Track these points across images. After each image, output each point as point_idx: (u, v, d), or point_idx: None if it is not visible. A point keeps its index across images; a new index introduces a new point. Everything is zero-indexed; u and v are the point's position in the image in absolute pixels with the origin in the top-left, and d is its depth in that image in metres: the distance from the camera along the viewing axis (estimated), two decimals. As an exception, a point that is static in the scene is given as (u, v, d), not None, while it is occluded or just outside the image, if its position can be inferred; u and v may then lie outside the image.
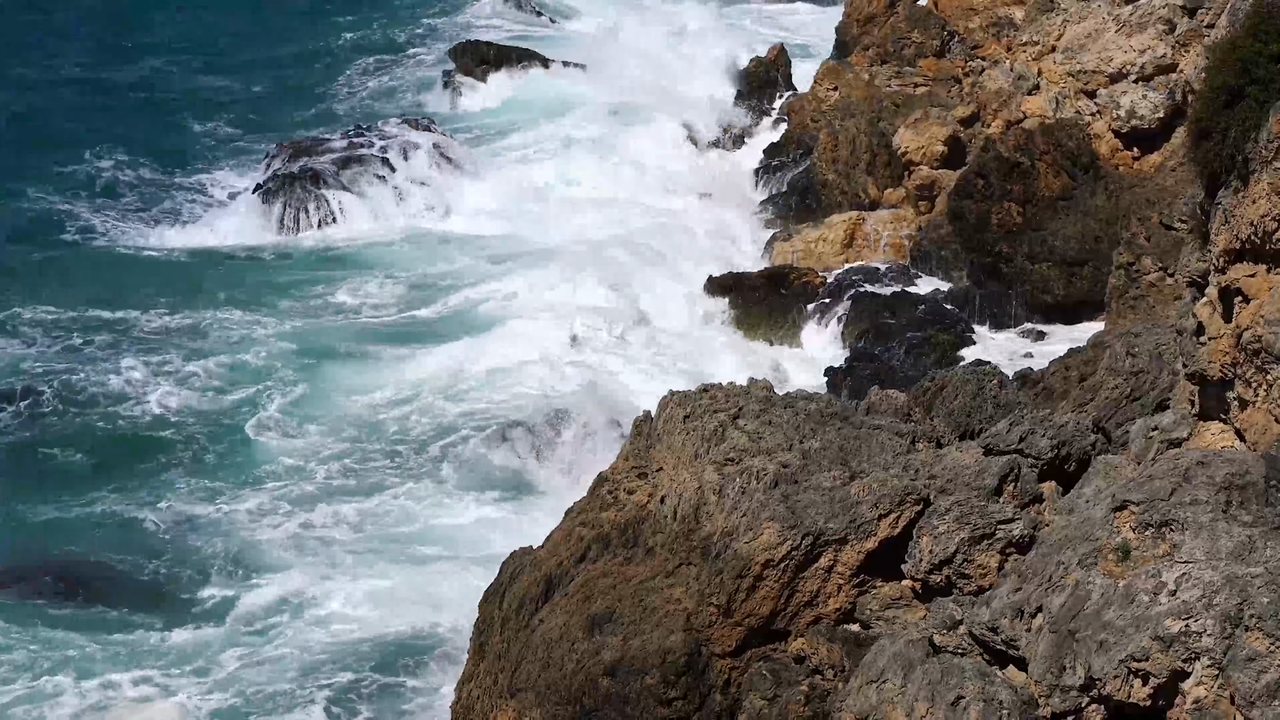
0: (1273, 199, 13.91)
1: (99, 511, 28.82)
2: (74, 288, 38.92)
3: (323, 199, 44.42)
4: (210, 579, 26.61)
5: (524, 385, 33.14)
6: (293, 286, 39.84)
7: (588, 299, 37.66)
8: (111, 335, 36.28)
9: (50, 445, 31.30)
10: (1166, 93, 38.24)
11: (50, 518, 28.59)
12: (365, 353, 35.49)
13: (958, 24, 47.57)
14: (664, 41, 60.07)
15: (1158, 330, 23.30)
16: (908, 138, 40.67)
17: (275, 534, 27.90)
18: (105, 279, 39.90)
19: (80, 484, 29.80)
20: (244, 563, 27.01)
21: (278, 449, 31.01)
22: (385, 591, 25.79)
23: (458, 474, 29.91)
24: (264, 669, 24.00)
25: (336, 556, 27.04)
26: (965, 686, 13.34)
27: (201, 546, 27.58)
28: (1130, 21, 39.72)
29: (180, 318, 37.50)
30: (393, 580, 26.15)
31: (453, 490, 29.49)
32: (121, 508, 28.89)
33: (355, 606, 25.46)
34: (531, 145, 50.70)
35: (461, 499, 29.15)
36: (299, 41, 62.92)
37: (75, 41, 62.67)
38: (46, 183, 46.64)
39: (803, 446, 18.16)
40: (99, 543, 27.74)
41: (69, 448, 31.21)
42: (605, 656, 17.29)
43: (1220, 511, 12.85)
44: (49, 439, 31.53)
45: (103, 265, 41.21)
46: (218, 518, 28.54)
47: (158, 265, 41.42)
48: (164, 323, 37.13)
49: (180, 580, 26.74)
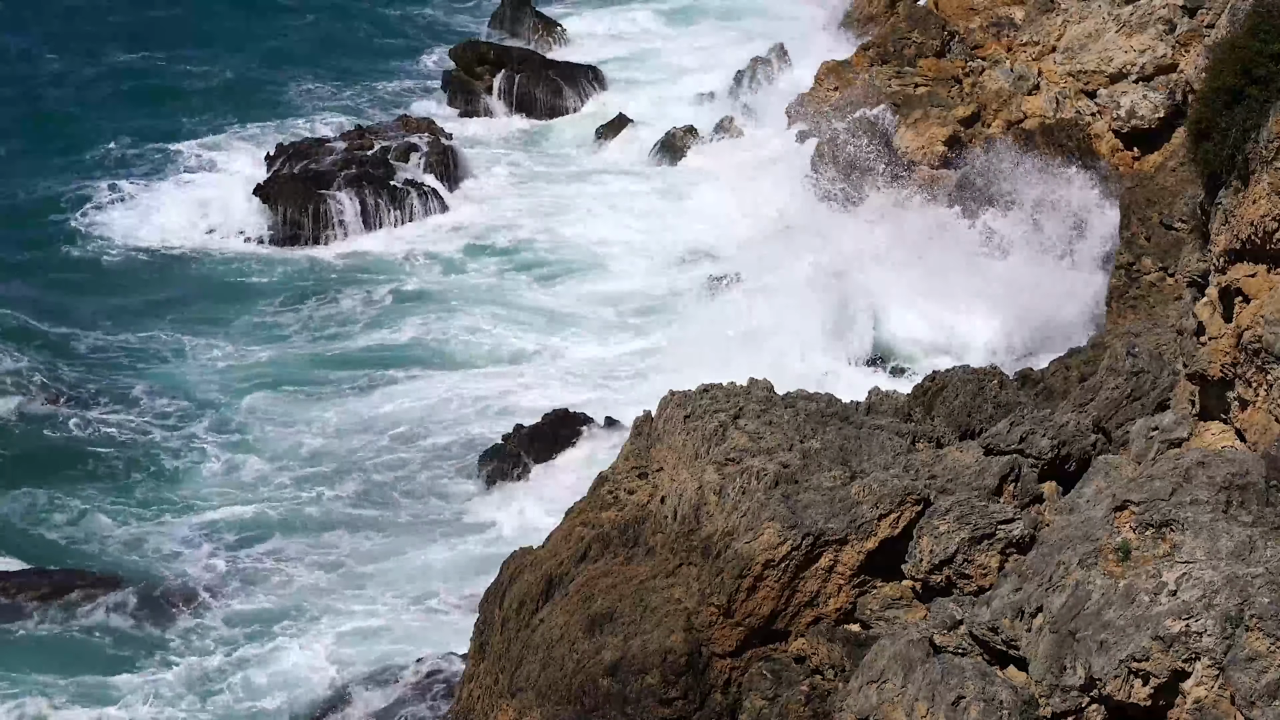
0: (1273, 199, 13.91)
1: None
2: (60, 287, 38.94)
3: (322, 201, 44.38)
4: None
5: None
6: (292, 287, 39.76)
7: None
8: (74, 342, 36.11)
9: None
10: (1167, 93, 38.27)
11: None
12: (343, 371, 35.10)
13: (958, 24, 47.53)
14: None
15: (1158, 330, 23.32)
16: (908, 138, 40.67)
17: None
18: (94, 277, 39.92)
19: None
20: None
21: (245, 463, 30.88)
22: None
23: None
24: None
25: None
26: (965, 687, 13.34)
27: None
28: (1130, 21, 39.74)
29: (167, 322, 37.41)
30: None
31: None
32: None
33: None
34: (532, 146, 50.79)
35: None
36: (298, 42, 62.83)
37: (73, 35, 62.66)
38: (36, 176, 46.58)
39: (803, 446, 18.16)
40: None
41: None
42: (605, 656, 17.30)
43: (1220, 511, 12.86)
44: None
45: (94, 263, 41.14)
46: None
47: (147, 266, 41.23)
48: (150, 331, 36.90)
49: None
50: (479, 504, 29.34)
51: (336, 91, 56.98)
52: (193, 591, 26.50)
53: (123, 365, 35.11)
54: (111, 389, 33.63)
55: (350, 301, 38.96)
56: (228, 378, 34.59)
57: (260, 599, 26.33)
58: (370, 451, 31.18)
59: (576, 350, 36.05)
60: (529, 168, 48.74)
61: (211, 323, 37.65)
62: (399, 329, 37.26)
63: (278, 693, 23.91)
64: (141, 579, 26.79)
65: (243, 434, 31.91)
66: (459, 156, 48.20)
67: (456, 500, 29.46)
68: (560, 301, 38.80)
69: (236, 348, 36.26)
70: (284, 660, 24.62)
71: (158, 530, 28.52)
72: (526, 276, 40.21)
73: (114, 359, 35.46)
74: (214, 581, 26.83)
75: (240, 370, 35.05)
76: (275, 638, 25.21)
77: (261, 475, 30.40)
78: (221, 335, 36.93)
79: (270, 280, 40.57)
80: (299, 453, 31.27)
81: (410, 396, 33.55)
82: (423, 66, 59.92)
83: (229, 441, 31.62)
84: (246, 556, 27.64)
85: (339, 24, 66.24)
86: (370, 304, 38.75)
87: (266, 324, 37.80)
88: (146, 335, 36.79)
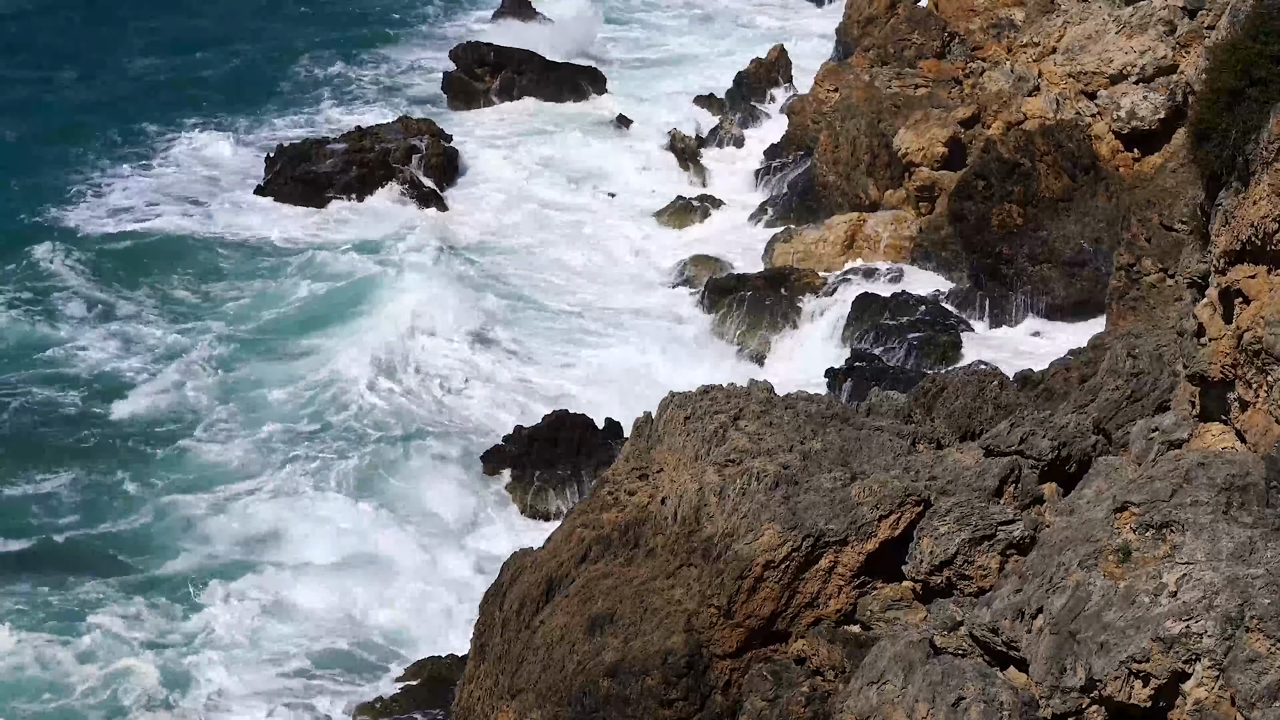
0: (1273, 200, 13.90)
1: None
2: (71, 274, 39.10)
3: (323, 202, 44.41)
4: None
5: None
6: (291, 290, 39.79)
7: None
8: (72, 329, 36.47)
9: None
10: (1167, 94, 38.28)
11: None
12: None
13: (958, 25, 47.58)
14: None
15: (1158, 331, 23.32)
16: (908, 139, 40.67)
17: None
18: (91, 266, 40.13)
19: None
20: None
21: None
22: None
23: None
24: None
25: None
26: (966, 687, 13.34)
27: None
28: (1130, 23, 39.75)
29: (167, 322, 37.51)
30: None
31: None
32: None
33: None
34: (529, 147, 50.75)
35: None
36: (298, 42, 62.87)
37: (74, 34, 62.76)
38: (52, 164, 46.76)
39: (803, 448, 18.16)
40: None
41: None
42: (606, 657, 17.29)
43: (1221, 513, 12.85)
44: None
45: (94, 254, 41.33)
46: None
47: (152, 266, 41.27)
48: (148, 329, 37.00)
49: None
50: (478, 503, 29.39)
51: (336, 91, 57.05)
52: (181, 575, 26.67)
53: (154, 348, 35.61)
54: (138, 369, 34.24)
55: (351, 303, 38.98)
56: (226, 359, 35.04)
57: (254, 595, 26.31)
58: (371, 451, 31.21)
59: (575, 352, 36.06)
60: (529, 168, 48.75)
61: (233, 314, 38.09)
62: (398, 329, 37.30)
63: (276, 692, 23.87)
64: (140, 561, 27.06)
65: (233, 421, 32.16)
66: (459, 157, 48.24)
67: (456, 499, 29.47)
68: (560, 302, 38.83)
69: (225, 334, 36.60)
70: (280, 660, 24.61)
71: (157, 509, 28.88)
72: (526, 276, 40.23)
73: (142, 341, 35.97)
74: (201, 571, 26.90)
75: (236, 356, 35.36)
76: (267, 634, 25.20)
77: (261, 466, 30.61)
78: (215, 322, 37.28)
79: (271, 280, 40.66)
80: (299, 451, 31.33)
81: (410, 396, 33.55)
82: (423, 67, 59.95)
83: (221, 428, 31.79)
84: (237, 546, 27.74)
85: (339, 24, 66.34)
86: (370, 303, 38.78)
87: (264, 319, 37.87)
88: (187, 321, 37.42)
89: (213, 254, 41.80)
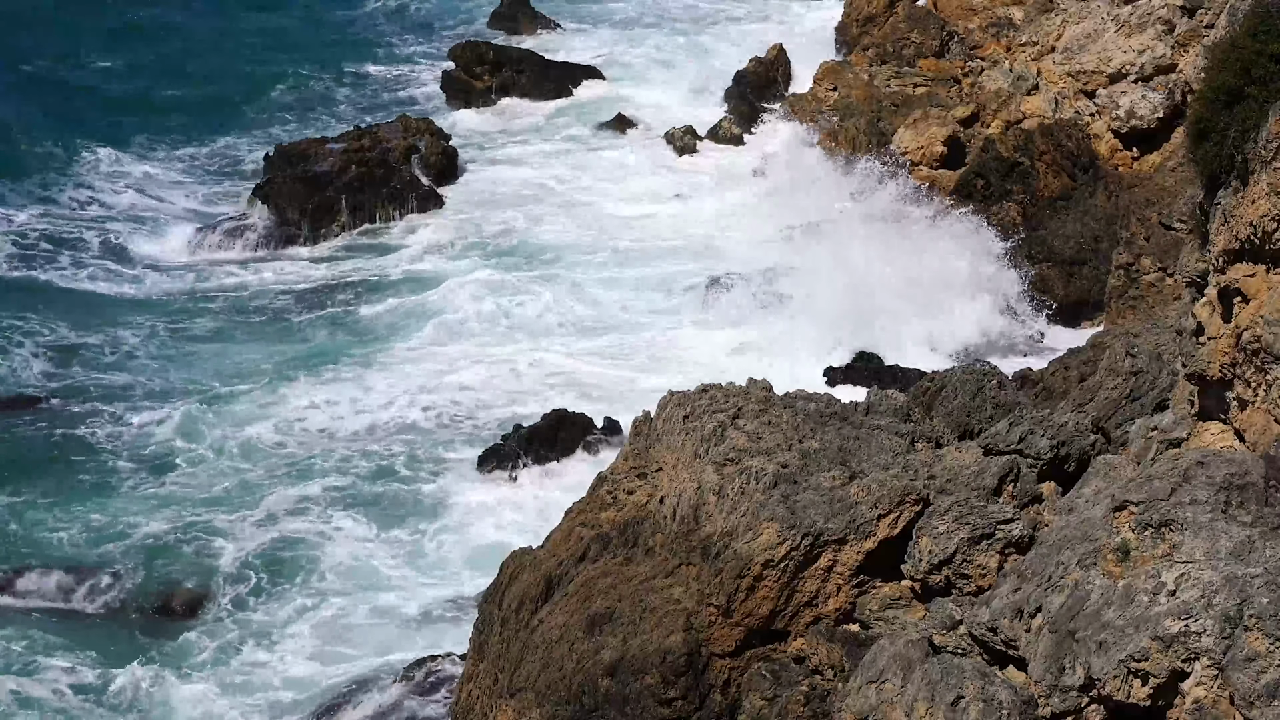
0: (1272, 199, 13.90)
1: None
2: (60, 290, 39.01)
3: (322, 202, 44.34)
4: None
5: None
6: (290, 291, 39.73)
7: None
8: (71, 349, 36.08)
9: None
10: (1166, 93, 38.30)
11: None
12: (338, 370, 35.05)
13: (957, 24, 47.61)
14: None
15: (1157, 330, 23.33)
16: (907, 138, 40.69)
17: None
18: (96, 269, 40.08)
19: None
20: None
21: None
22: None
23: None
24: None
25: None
26: (965, 687, 13.34)
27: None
28: (1129, 22, 39.77)
29: (160, 324, 37.40)
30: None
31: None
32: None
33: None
34: (529, 147, 50.73)
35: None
36: (296, 42, 62.81)
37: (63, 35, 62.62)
38: (36, 180, 46.68)
39: (802, 447, 18.16)
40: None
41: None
42: (605, 656, 17.30)
43: (1220, 512, 12.85)
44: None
45: (94, 254, 41.27)
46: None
47: (145, 265, 41.29)
48: (138, 339, 36.80)
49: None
50: (477, 503, 29.38)
51: (335, 91, 56.98)
52: (185, 585, 26.52)
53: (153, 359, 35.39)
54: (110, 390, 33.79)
55: (350, 302, 38.95)
56: (223, 368, 34.86)
57: (252, 594, 26.31)
58: (370, 450, 31.21)
59: (575, 351, 36.06)
60: (528, 167, 48.74)
61: (225, 313, 37.97)
62: (398, 328, 37.23)
63: (274, 693, 23.87)
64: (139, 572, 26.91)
65: (238, 428, 31.99)
66: (458, 157, 48.20)
67: (455, 498, 29.48)
68: (561, 303, 38.82)
69: (239, 345, 36.36)
70: (279, 660, 24.61)
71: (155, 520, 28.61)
72: (526, 277, 40.20)
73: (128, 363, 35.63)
74: (204, 577, 26.78)
75: (242, 365, 35.21)
76: (269, 635, 25.19)
77: (260, 474, 30.38)
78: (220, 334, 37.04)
79: (269, 280, 40.56)
80: (299, 448, 31.31)
81: (410, 396, 33.58)
82: (422, 67, 59.90)
83: (226, 436, 31.65)
84: (240, 550, 27.60)
85: (339, 24, 66.27)
86: (370, 304, 38.74)
87: (265, 324, 37.81)
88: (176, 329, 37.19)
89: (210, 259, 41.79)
